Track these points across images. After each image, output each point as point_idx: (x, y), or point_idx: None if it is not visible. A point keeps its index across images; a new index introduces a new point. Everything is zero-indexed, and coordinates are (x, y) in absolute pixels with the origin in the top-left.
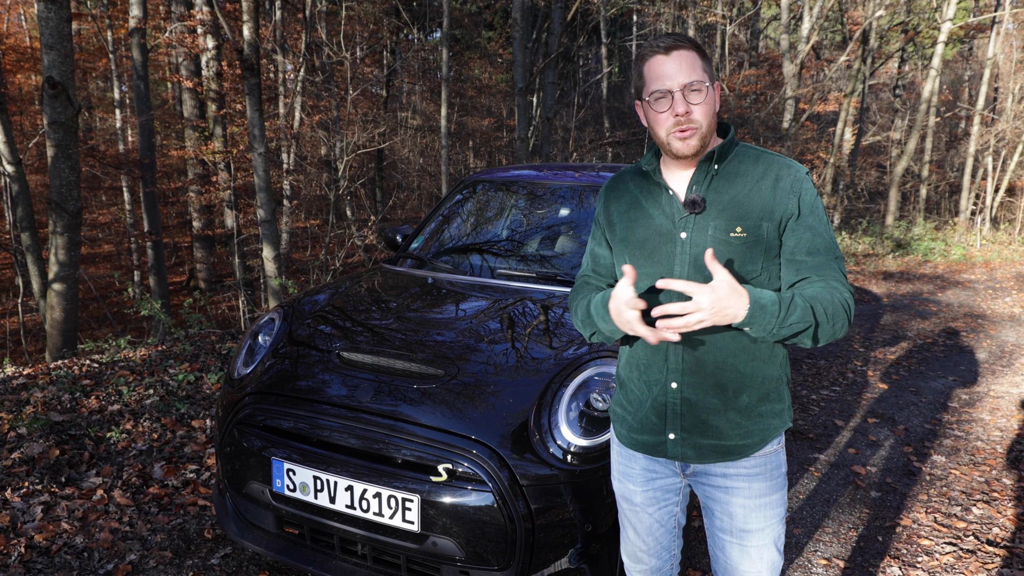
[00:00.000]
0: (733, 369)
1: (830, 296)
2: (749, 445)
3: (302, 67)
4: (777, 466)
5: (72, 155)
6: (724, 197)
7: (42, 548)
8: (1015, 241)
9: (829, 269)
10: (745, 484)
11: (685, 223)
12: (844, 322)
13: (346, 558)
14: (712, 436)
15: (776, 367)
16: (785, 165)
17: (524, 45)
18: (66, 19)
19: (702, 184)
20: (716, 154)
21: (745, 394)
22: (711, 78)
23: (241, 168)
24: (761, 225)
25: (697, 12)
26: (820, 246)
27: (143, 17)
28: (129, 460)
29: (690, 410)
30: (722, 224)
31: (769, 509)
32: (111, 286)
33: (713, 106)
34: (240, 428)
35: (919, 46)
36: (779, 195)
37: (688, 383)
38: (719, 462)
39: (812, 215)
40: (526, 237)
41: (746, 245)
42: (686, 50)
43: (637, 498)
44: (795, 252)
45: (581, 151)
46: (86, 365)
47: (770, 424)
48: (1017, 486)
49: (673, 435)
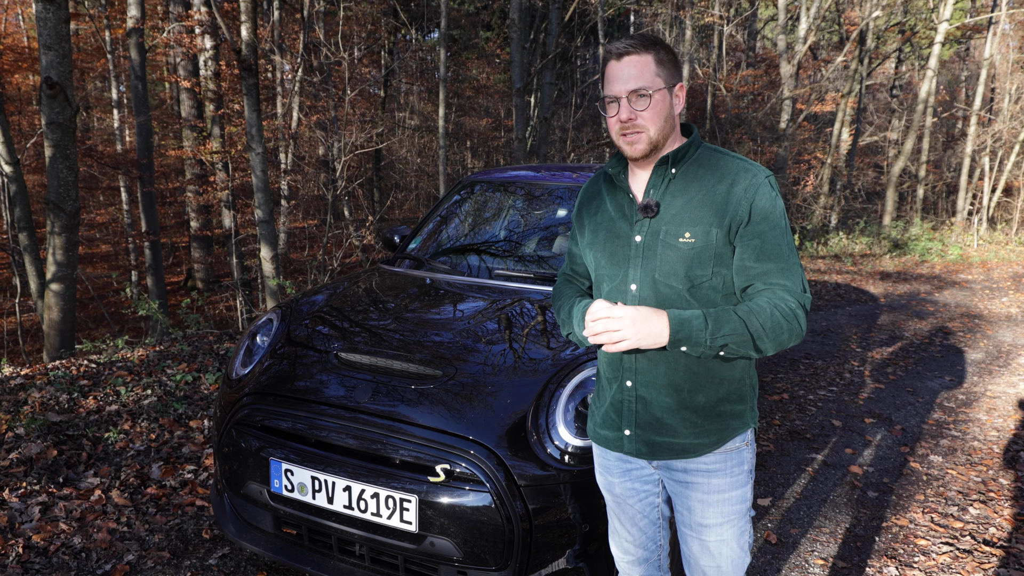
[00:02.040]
0: (687, 369)
1: (771, 307)
2: (705, 444)
3: (300, 67)
4: (739, 463)
5: (70, 155)
6: (678, 201)
7: (40, 548)
8: (1012, 241)
9: (779, 276)
10: (704, 479)
11: (640, 227)
12: (788, 333)
13: (344, 558)
14: (666, 434)
15: (737, 369)
16: (743, 170)
17: (522, 45)
18: (64, 19)
19: (659, 188)
20: (671, 158)
21: (701, 394)
22: (667, 81)
23: (239, 168)
24: (711, 231)
25: (694, 12)
26: (770, 253)
27: (141, 17)
28: (127, 460)
29: (644, 408)
30: (672, 229)
31: (727, 505)
32: (109, 286)
33: (664, 110)
34: (238, 428)
35: (916, 46)
36: (732, 201)
37: (642, 382)
38: (675, 459)
39: (764, 221)
40: (524, 237)
41: (694, 250)
42: (638, 55)
43: (617, 489)
44: (743, 258)
45: (579, 151)
46: (84, 365)
47: (728, 424)
48: (1014, 486)
49: (628, 431)
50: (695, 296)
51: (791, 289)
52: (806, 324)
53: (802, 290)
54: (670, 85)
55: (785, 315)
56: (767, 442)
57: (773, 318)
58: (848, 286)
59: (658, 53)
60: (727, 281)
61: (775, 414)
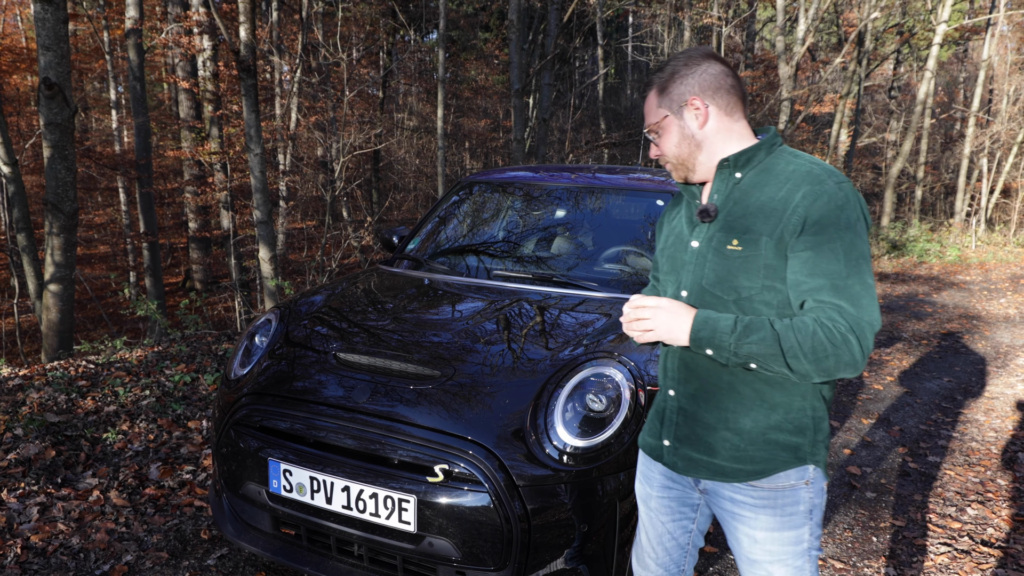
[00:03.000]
0: (730, 388)
1: (815, 326)
2: (748, 472)
3: (298, 68)
4: (793, 503)
5: (68, 156)
6: (737, 208)
7: (38, 549)
8: (1010, 243)
9: (831, 294)
10: (751, 514)
11: (698, 232)
12: (835, 360)
13: (342, 559)
14: (703, 451)
15: (797, 396)
16: (808, 174)
17: (520, 47)
18: (63, 20)
19: (723, 192)
20: (733, 161)
21: (747, 417)
22: (671, 106)
23: (237, 169)
24: (760, 240)
25: (693, 14)
26: (823, 268)
27: (139, 18)
28: (125, 461)
29: (684, 420)
30: (722, 236)
31: (777, 545)
32: (107, 287)
33: (674, 136)
34: (237, 429)
35: (914, 48)
36: (788, 208)
37: (682, 393)
38: (712, 480)
39: (821, 232)
40: (522, 238)
41: (742, 259)
42: (647, 95)
43: (652, 503)
44: (796, 272)
45: (577, 152)
46: (82, 366)
47: (778, 456)
48: (1012, 487)
49: (667, 442)
50: (743, 310)
51: (845, 311)
52: (865, 354)
53: (862, 315)
54: (677, 107)
55: (831, 338)
56: None
57: (815, 338)
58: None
59: (660, 81)
60: (784, 299)
61: None
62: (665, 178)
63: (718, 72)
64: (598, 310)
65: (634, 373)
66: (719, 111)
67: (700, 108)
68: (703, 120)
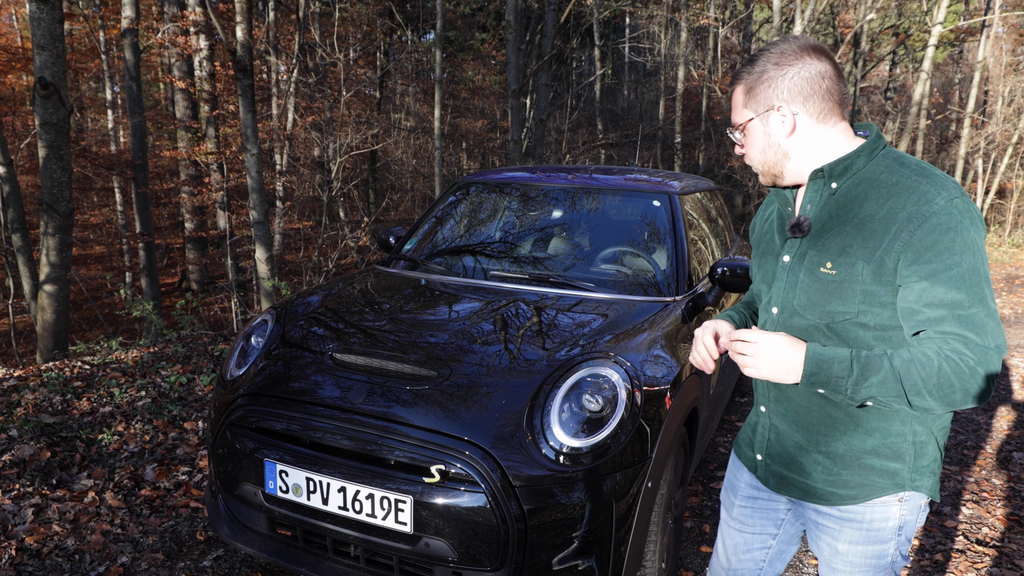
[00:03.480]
0: (822, 411)
1: (939, 359)
2: (841, 496)
3: (295, 68)
4: (883, 518)
5: (64, 156)
6: (832, 223)
7: (33, 550)
8: (1005, 243)
9: (955, 325)
10: (836, 525)
11: (790, 246)
12: (963, 393)
13: (339, 560)
14: (795, 471)
15: (896, 421)
16: (914, 190)
17: (517, 47)
18: (58, 19)
19: (816, 204)
20: (828, 171)
21: (840, 441)
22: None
23: (234, 169)
24: (856, 265)
25: (690, 15)
26: (943, 297)
27: (136, 18)
28: (121, 462)
29: (777, 438)
30: (815, 255)
31: (860, 559)
32: (102, 287)
33: (759, 141)
34: (233, 430)
35: (910, 49)
36: (891, 229)
37: (775, 411)
38: (804, 501)
39: (936, 259)
40: (519, 239)
41: (835, 284)
42: (734, 88)
43: (735, 511)
44: (909, 301)
45: (574, 153)
46: (77, 367)
47: (874, 482)
48: (1007, 486)
49: (760, 456)
50: (836, 333)
51: (971, 342)
52: (993, 382)
53: (988, 342)
54: (763, 111)
55: (957, 371)
56: None
57: (941, 373)
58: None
59: (747, 79)
60: (884, 321)
61: None
62: (662, 179)
63: (812, 74)
64: (595, 311)
65: (630, 373)
66: (810, 119)
67: (787, 116)
68: (791, 129)
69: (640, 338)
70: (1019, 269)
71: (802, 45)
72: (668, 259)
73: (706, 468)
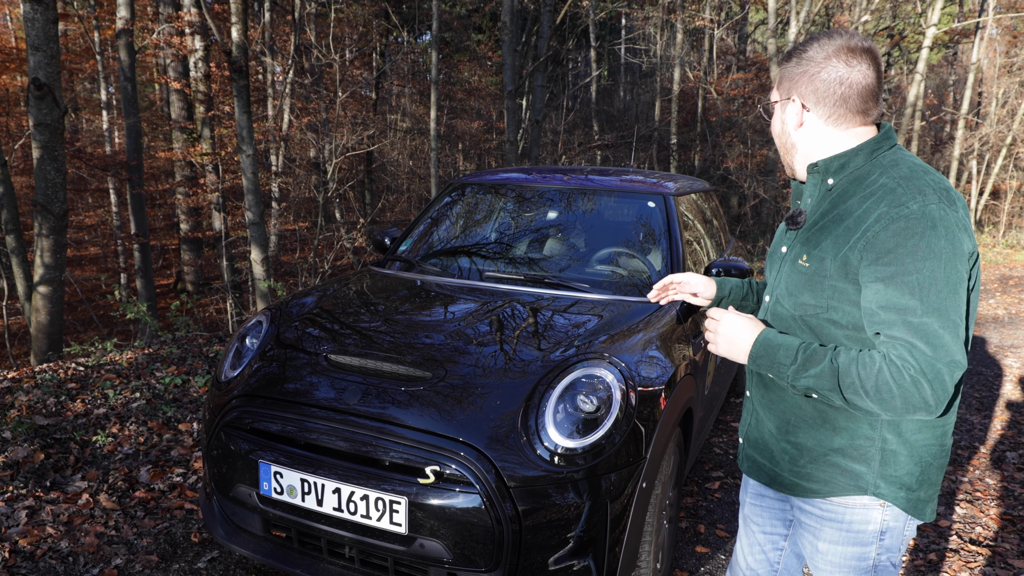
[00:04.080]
0: (793, 400)
1: (880, 365)
2: (807, 489)
3: (291, 69)
4: (863, 521)
5: (58, 157)
6: (822, 219)
7: (26, 553)
8: (999, 244)
9: (903, 331)
10: (816, 524)
11: (788, 236)
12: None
13: (334, 561)
14: (765, 458)
15: (865, 425)
16: (891, 195)
17: (513, 48)
18: (52, 20)
19: (815, 198)
20: (824, 167)
21: (808, 434)
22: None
23: (229, 170)
24: (825, 259)
25: (685, 16)
26: (895, 303)
27: (130, 18)
28: (115, 464)
29: (756, 423)
30: (799, 248)
31: (839, 559)
32: (97, 289)
33: (780, 126)
34: (227, 431)
35: (904, 51)
36: (860, 230)
37: (756, 397)
38: (771, 487)
39: (895, 262)
40: (515, 240)
41: (807, 276)
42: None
43: (746, 509)
44: (868, 301)
45: (570, 154)
46: (72, 368)
47: (837, 480)
48: (1000, 486)
49: (741, 440)
50: (811, 327)
51: (918, 351)
52: (939, 398)
53: (938, 355)
54: (785, 97)
55: (898, 379)
56: None
57: (879, 376)
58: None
59: (785, 65)
60: (855, 320)
61: None
62: (657, 180)
63: (832, 79)
64: (590, 311)
65: (625, 374)
66: (819, 119)
67: (799, 111)
68: (799, 123)
69: (635, 339)
70: (1013, 270)
71: (841, 46)
72: (663, 260)
73: (701, 468)
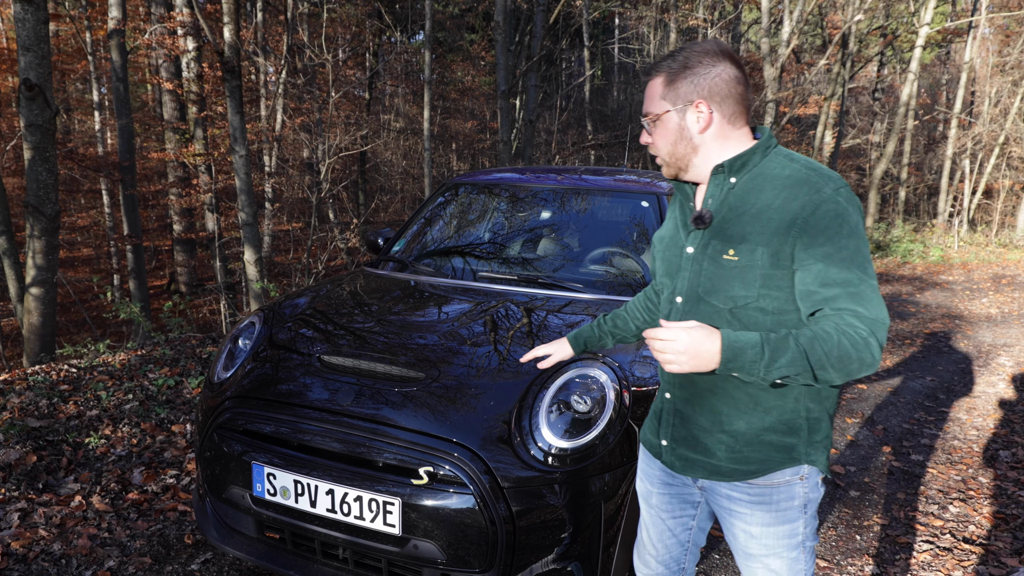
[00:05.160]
0: (725, 393)
1: (838, 334)
2: (745, 472)
3: (284, 69)
4: (788, 498)
5: (50, 158)
6: (732, 215)
7: (19, 555)
8: (992, 243)
9: (848, 301)
10: (747, 510)
11: (693, 238)
12: (859, 363)
13: (327, 562)
14: (700, 452)
15: (788, 398)
16: (806, 182)
17: (507, 48)
18: (43, 20)
19: (717, 198)
20: (728, 166)
21: (741, 420)
22: (676, 101)
23: (222, 171)
24: (756, 251)
25: (679, 16)
26: (836, 277)
27: (122, 18)
28: (108, 466)
29: (681, 422)
30: (718, 244)
31: (773, 539)
32: (90, 290)
33: (672, 133)
34: (220, 432)
35: (898, 50)
36: (786, 218)
37: (679, 396)
38: (710, 480)
39: (828, 242)
40: (508, 240)
41: (737, 270)
42: (651, 79)
43: (653, 500)
44: (807, 283)
45: (564, 154)
46: (64, 370)
47: (773, 456)
48: (993, 484)
49: (665, 442)
50: (738, 317)
51: (862, 315)
52: (881, 351)
53: (877, 315)
54: (682, 106)
55: (855, 343)
56: None
57: (840, 347)
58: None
59: (669, 72)
60: (780, 304)
61: None
62: (651, 179)
63: (731, 78)
64: (584, 311)
65: (619, 374)
66: (723, 119)
67: (704, 113)
68: (705, 125)
69: None
70: (1006, 269)
71: (721, 49)
72: None
73: None
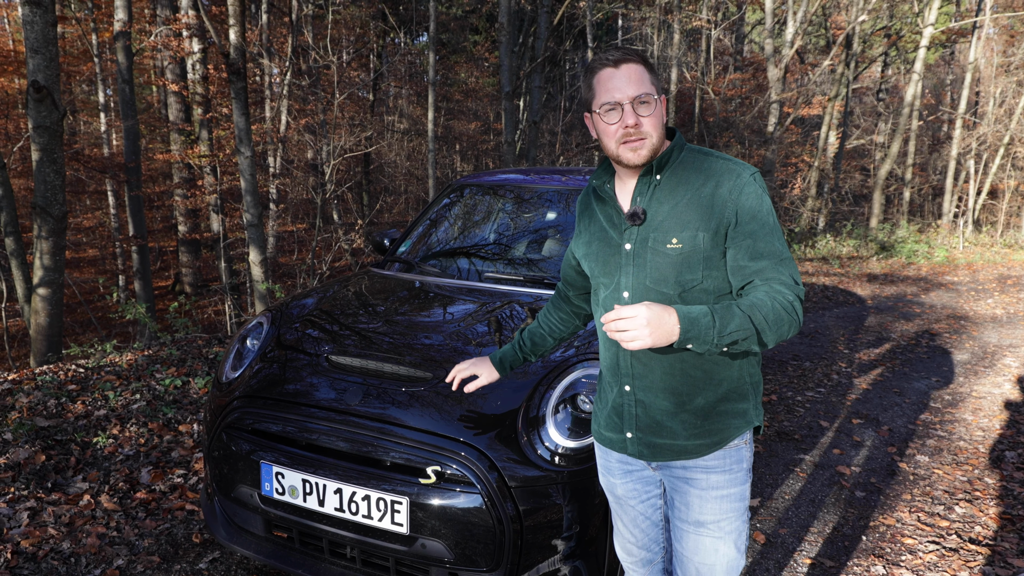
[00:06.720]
0: (683, 373)
1: (771, 301)
2: (706, 445)
3: (288, 71)
4: (738, 460)
5: (57, 159)
6: (665, 207)
7: (28, 554)
8: (997, 243)
9: (774, 271)
10: (703, 476)
11: (629, 235)
12: (789, 324)
13: (335, 561)
14: (666, 436)
15: (734, 368)
16: (727, 170)
17: (511, 49)
18: (51, 23)
19: (645, 195)
20: (655, 164)
21: (700, 396)
22: (659, 91)
23: (227, 172)
24: (697, 235)
25: (682, 16)
26: (764, 250)
27: (128, 20)
28: (116, 465)
29: (644, 411)
30: (660, 236)
31: (726, 502)
32: (96, 291)
33: (661, 118)
34: (228, 432)
35: (902, 50)
36: (717, 203)
37: (640, 386)
38: (676, 460)
39: (753, 220)
40: (513, 240)
41: (682, 255)
42: (634, 64)
43: (619, 491)
44: (738, 259)
45: (568, 155)
46: (72, 370)
47: (730, 424)
48: (999, 485)
49: (630, 434)
50: (686, 300)
51: (786, 282)
52: (802, 314)
53: (795, 282)
54: (658, 93)
55: (785, 307)
56: (756, 443)
57: (775, 311)
58: (836, 288)
59: (648, 64)
60: (719, 283)
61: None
62: None
63: None
64: None
65: None
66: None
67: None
68: (666, 116)
69: None
70: (1011, 269)
71: None
72: None
73: None
